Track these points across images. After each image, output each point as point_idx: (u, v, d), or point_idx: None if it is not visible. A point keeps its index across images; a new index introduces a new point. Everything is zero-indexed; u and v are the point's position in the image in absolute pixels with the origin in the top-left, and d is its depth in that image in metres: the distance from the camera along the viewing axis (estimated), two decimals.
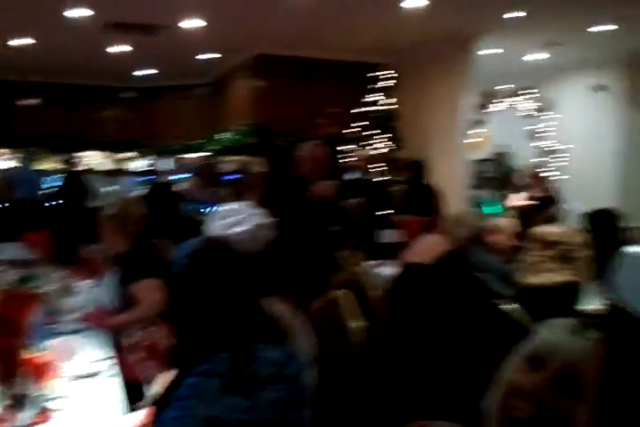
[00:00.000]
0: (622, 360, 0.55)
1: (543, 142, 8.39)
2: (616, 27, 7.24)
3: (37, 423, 1.61)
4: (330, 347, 2.07)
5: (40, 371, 1.68)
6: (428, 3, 6.41)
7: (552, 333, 0.93)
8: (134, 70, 9.77)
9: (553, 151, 8.27)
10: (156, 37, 7.61)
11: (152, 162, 10.36)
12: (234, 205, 2.57)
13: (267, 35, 7.75)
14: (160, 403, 1.41)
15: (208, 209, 7.44)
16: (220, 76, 9.73)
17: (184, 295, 1.45)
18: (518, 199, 6.37)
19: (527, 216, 5.92)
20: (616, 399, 0.54)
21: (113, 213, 2.89)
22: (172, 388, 1.40)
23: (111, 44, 8.16)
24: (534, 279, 2.91)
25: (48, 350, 2.04)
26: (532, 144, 8.47)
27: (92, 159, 10.30)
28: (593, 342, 0.61)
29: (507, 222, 3.63)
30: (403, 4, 6.46)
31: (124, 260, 2.84)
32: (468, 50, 7.84)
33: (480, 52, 8.08)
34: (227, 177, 9.03)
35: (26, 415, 1.43)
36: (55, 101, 10.11)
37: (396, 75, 8.56)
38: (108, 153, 10.52)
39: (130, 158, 10.60)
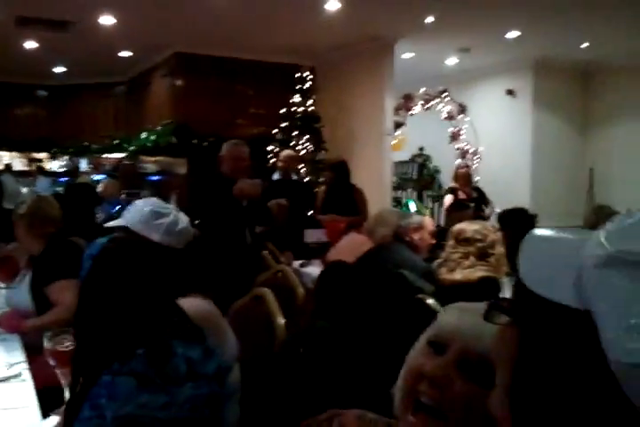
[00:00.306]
0: (533, 344, 0.54)
1: (460, 144, 8.67)
2: (520, 33, 7.60)
3: None
4: (254, 344, 2.07)
5: None
6: (347, 5, 6.50)
7: (454, 316, 0.93)
8: (49, 67, 9.42)
9: (469, 152, 8.58)
10: (66, 33, 7.36)
11: (68, 162, 10.00)
12: (152, 200, 2.54)
13: (185, 33, 7.66)
14: (71, 405, 1.38)
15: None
16: (139, 75, 9.52)
17: (93, 293, 1.41)
18: (449, 200, 6.55)
19: (450, 215, 6.12)
20: (528, 384, 0.53)
21: (24, 213, 2.78)
22: (83, 389, 1.36)
23: (23, 40, 7.84)
24: (452, 276, 3.02)
25: None
26: (450, 146, 8.74)
27: (6, 159, 9.86)
28: (500, 326, 0.61)
29: (428, 220, 3.74)
30: (323, 6, 6.52)
31: (38, 260, 2.74)
32: (387, 52, 8.02)
33: (401, 56, 8.29)
34: (148, 178, 8.87)
35: None
36: None
37: (319, 76, 8.65)
38: (22, 153, 10.09)
39: (46, 158, 10.20)
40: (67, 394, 1.79)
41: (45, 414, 1.80)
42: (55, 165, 10.16)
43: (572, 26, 7.32)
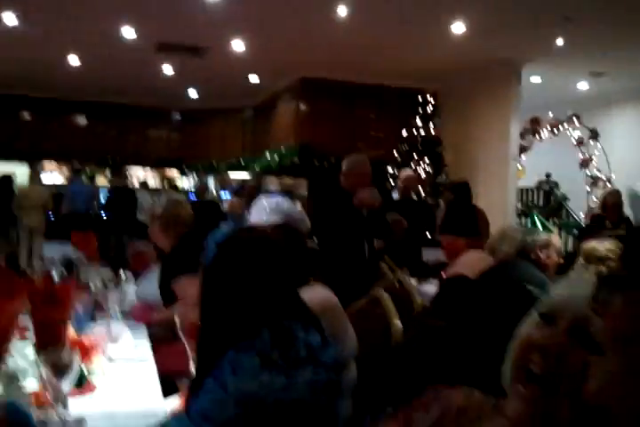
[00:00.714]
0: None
1: (591, 171, 8.23)
2: None
3: (77, 394, 1.62)
4: (370, 345, 2.04)
5: (83, 350, 1.70)
6: (472, 28, 6.43)
7: (565, 289, 0.92)
8: (183, 92, 10.04)
9: (600, 180, 8.11)
10: (200, 59, 7.83)
11: (197, 180, 10.56)
12: (276, 197, 2.59)
13: (311, 59, 7.89)
14: (196, 379, 1.41)
15: None
16: (266, 99, 9.91)
17: (218, 277, 1.45)
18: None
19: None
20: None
21: (160, 214, 2.94)
22: (208, 365, 1.39)
23: (161, 65, 8.42)
24: None
25: (93, 333, 2.07)
26: (580, 172, 8.32)
27: (141, 176, 10.59)
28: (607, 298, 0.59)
29: (555, 238, 3.55)
30: (449, 30, 6.49)
31: (168, 257, 2.87)
32: (514, 77, 7.82)
33: (529, 80, 8.06)
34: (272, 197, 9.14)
35: (66, 385, 1.43)
36: (108, 120, 10.47)
37: (442, 100, 8.59)
38: (156, 170, 10.79)
39: (177, 176, 10.84)
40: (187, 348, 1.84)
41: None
42: (185, 183, 10.75)
43: None
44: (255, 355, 1.32)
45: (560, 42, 6.74)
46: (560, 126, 8.19)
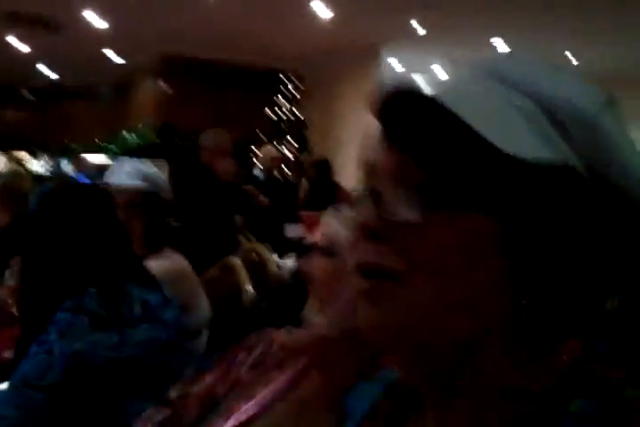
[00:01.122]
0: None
1: None
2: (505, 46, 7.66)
3: None
4: (222, 311, 2.01)
5: None
6: (337, 11, 6.51)
7: None
8: (35, 69, 9.36)
9: None
10: (56, 34, 7.32)
11: (50, 162, 9.91)
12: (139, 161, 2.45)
13: (173, 35, 7.60)
14: (21, 344, 1.31)
15: None
16: (125, 77, 9.47)
17: (41, 231, 1.36)
18: None
19: None
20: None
21: None
22: (32, 328, 1.30)
23: (6, 39, 7.77)
24: None
25: None
26: None
27: None
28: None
29: None
30: (313, 12, 6.51)
31: (4, 235, 2.65)
32: (374, 60, 8.03)
33: (390, 63, 8.32)
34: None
35: None
36: None
37: (308, 82, 8.65)
38: (4, 152, 9.97)
39: (27, 158, 10.10)
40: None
41: None
42: (37, 166, 10.05)
43: (559, 39, 7.39)
44: (84, 314, 1.26)
45: (418, 27, 6.99)
46: None
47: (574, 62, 8.25)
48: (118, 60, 8.83)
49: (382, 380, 0.61)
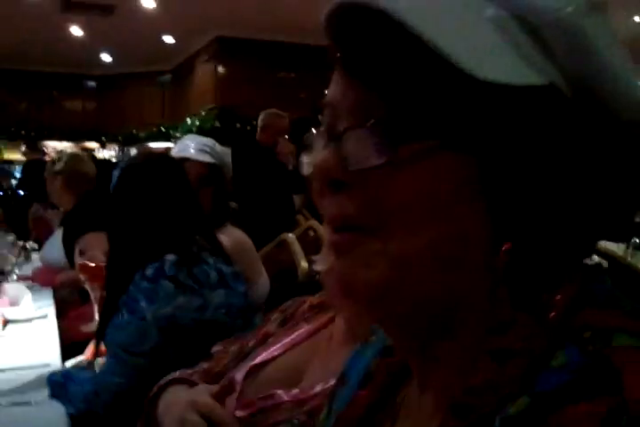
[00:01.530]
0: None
1: None
2: None
3: None
4: (278, 285, 2.04)
5: None
6: None
7: None
8: (96, 57, 9.61)
9: None
10: (110, 18, 7.47)
11: (119, 151, 10.20)
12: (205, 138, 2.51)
13: (227, 16, 7.61)
14: (106, 312, 1.38)
15: None
16: (182, 62, 9.59)
17: (123, 201, 1.45)
18: None
19: None
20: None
21: (60, 169, 2.79)
22: (116, 294, 1.37)
23: (68, 26, 8.00)
24: None
25: None
26: None
27: (58, 149, 10.14)
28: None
29: None
30: None
31: (70, 216, 2.75)
32: None
33: None
34: None
35: None
36: (15, 89, 9.91)
37: None
38: (73, 142, 10.34)
39: (96, 148, 10.43)
40: (95, 310, 1.80)
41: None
42: (106, 155, 10.38)
43: None
44: (167, 280, 1.34)
45: None
46: None
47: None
48: (175, 45, 8.95)
49: (376, 344, 0.58)
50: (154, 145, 9.54)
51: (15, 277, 2.38)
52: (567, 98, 0.39)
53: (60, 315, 2.26)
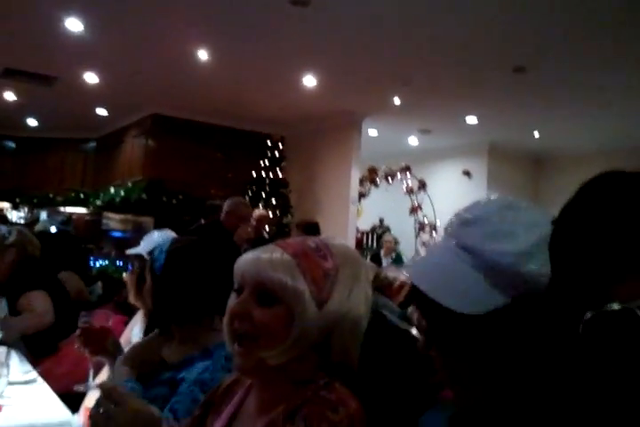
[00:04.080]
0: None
1: (419, 218, 9.10)
2: (477, 119, 8.26)
3: None
4: None
5: None
6: (321, 82, 6.98)
7: (241, 262, 1.10)
8: (22, 120, 9.56)
9: (426, 225, 8.99)
10: (49, 88, 7.59)
11: (28, 213, 9.92)
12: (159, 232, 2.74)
13: (163, 96, 7.98)
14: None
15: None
16: (111, 133, 9.73)
17: (170, 282, 1.62)
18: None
19: None
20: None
21: (14, 241, 2.96)
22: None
23: (3, 91, 8.02)
24: None
25: None
26: (409, 218, 9.14)
27: None
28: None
29: (403, 275, 3.97)
30: (301, 82, 6.97)
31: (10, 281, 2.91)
32: (355, 128, 8.52)
33: (367, 132, 8.82)
34: (110, 233, 8.88)
35: None
36: None
37: (289, 145, 9.08)
38: None
39: (8, 208, 10.10)
40: (90, 381, 1.90)
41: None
42: (16, 216, 10.06)
43: (524, 116, 8.02)
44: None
45: (396, 101, 7.52)
46: (394, 176, 8.99)
47: (536, 136, 8.91)
48: (106, 117, 9.12)
49: (446, 411, 0.88)
50: (70, 210, 9.42)
51: None
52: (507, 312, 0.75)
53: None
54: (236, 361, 1.06)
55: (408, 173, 9.06)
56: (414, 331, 2.86)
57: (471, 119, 8.32)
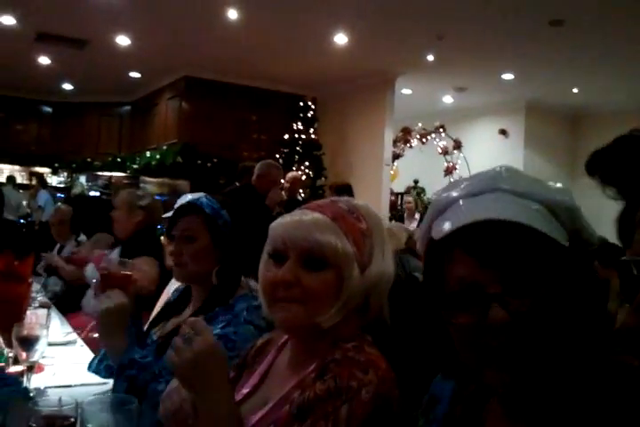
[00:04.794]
0: None
1: (453, 178, 8.99)
2: (513, 76, 8.03)
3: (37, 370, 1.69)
4: None
5: None
6: (353, 40, 6.85)
7: (279, 228, 1.09)
8: (57, 84, 9.66)
9: None
10: (81, 51, 7.63)
11: (67, 178, 10.14)
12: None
13: (195, 58, 7.95)
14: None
15: None
16: (145, 96, 9.77)
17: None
18: None
19: None
20: None
21: (146, 204, 3.16)
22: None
23: (38, 56, 8.09)
24: None
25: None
26: (445, 179, 9.04)
27: (7, 171, 10.01)
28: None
29: None
30: (331, 40, 6.85)
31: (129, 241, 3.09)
32: (388, 88, 8.38)
33: (400, 91, 8.66)
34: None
35: (37, 355, 1.52)
36: None
37: (321, 106, 8.99)
38: (24, 166, 10.24)
39: (47, 173, 10.35)
40: None
41: None
42: (55, 181, 10.31)
43: (563, 72, 7.76)
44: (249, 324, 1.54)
45: (430, 58, 7.35)
46: (428, 136, 8.87)
47: (575, 92, 8.65)
48: (140, 79, 9.15)
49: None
50: (107, 174, 9.59)
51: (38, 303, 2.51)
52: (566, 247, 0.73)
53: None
54: (284, 320, 1.05)
55: (443, 132, 8.93)
56: None
57: (507, 76, 8.10)
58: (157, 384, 1.41)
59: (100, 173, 9.61)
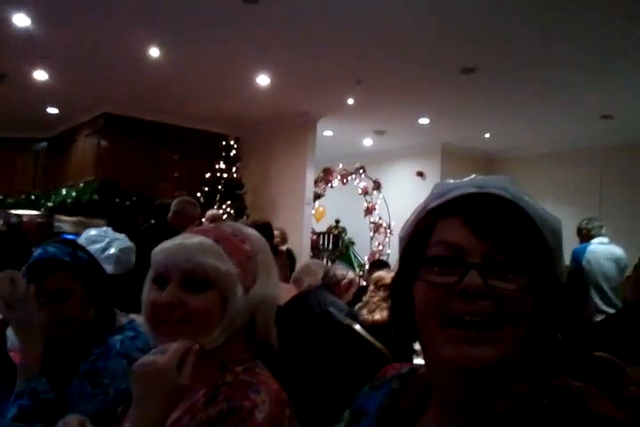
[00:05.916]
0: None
1: (374, 218, 9.18)
2: (429, 120, 8.39)
3: None
4: None
5: None
6: (276, 82, 6.99)
7: (160, 254, 1.06)
8: None
9: (382, 227, 9.08)
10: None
11: None
12: (98, 231, 2.73)
13: (116, 95, 7.87)
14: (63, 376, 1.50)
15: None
16: (63, 132, 9.55)
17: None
18: None
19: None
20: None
21: None
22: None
23: None
24: (372, 316, 3.31)
25: None
26: (365, 219, 9.22)
27: None
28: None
29: (357, 279, 4.01)
30: (254, 81, 6.96)
31: None
32: (310, 129, 8.54)
33: (322, 133, 8.86)
34: (62, 236, 8.71)
35: None
36: None
37: (244, 146, 9.06)
38: None
39: None
40: None
41: None
42: None
43: (475, 117, 8.17)
44: (122, 358, 1.52)
45: (350, 101, 7.58)
46: (349, 177, 9.06)
47: (487, 137, 9.11)
48: (58, 115, 8.95)
49: (386, 387, 0.90)
50: (20, 212, 9.19)
51: None
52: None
53: None
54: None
55: (363, 173, 9.15)
56: (357, 326, 2.90)
57: (423, 120, 8.43)
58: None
59: (11, 212, 9.20)
